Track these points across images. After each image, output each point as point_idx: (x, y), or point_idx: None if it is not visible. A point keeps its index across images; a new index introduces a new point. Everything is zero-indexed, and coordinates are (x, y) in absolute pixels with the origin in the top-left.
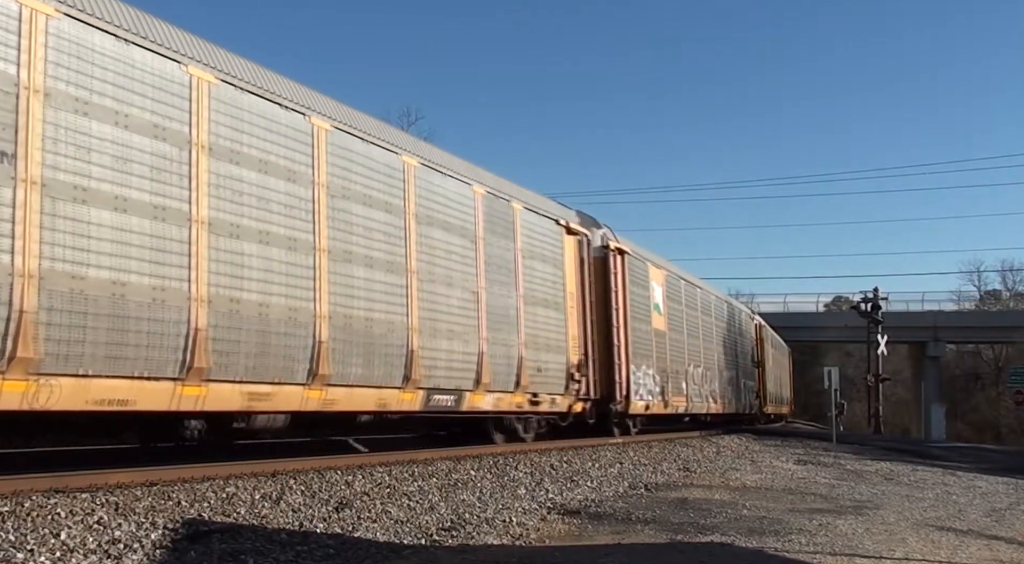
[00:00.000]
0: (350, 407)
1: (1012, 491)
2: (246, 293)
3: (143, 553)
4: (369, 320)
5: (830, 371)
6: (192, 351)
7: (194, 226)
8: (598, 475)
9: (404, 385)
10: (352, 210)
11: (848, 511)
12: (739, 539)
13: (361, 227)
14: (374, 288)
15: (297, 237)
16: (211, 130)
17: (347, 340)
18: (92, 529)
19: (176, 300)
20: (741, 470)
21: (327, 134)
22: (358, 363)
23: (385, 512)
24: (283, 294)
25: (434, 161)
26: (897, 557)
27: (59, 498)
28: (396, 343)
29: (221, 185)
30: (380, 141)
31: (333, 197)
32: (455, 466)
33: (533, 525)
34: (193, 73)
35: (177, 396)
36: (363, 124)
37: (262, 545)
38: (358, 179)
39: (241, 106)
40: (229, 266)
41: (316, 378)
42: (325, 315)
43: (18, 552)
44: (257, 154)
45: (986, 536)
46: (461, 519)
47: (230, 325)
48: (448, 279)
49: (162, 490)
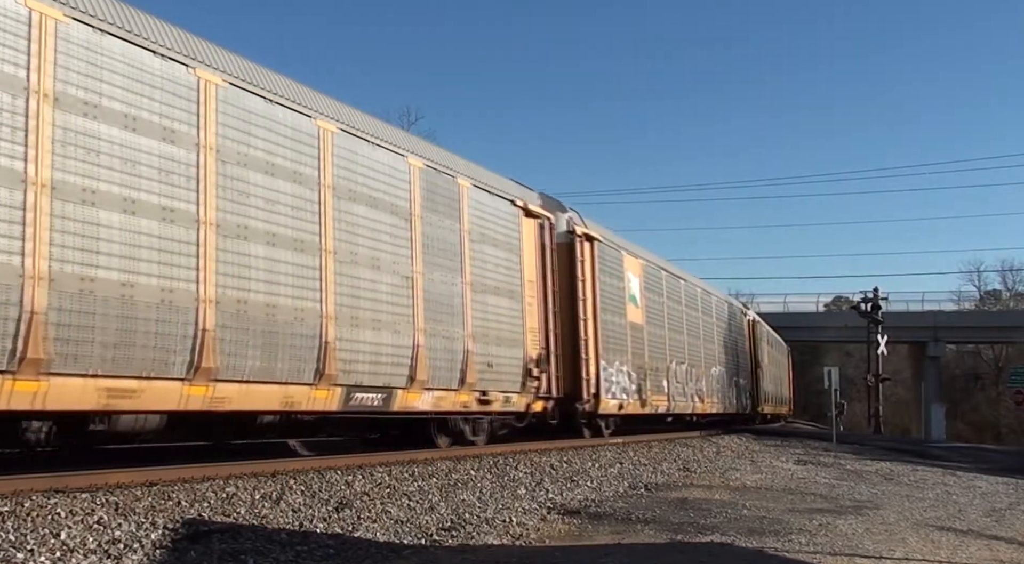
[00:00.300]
0: (247, 406)
1: (1012, 491)
2: (102, 271)
3: (143, 553)
4: (272, 306)
5: (830, 371)
6: (26, 339)
7: (31, 189)
8: (598, 475)
9: (317, 381)
10: (249, 178)
11: (848, 511)
12: (739, 539)
13: (261, 199)
14: (278, 269)
15: (176, 207)
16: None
17: (241, 328)
18: (92, 529)
19: (5, 278)
20: (741, 470)
21: (216, 89)
22: (256, 355)
23: (385, 512)
24: (154, 274)
25: (357, 127)
26: (897, 557)
27: (59, 498)
28: (306, 333)
29: (67, 142)
30: (286, 101)
31: (224, 163)
32: (455, 466)
33: (533, 525)
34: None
35: (6, 393)
36: (265, 81)
37: (262, 545)
38: (258, 143)
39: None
40: (78, 238)
41: (199, 372)
42: (211, 299)
43: (18, 552)
44: (121, 107)
45: (986, 536)
46: (461, 519)
47: (79, 309)
48: (374, 261)
49: (162, 490)
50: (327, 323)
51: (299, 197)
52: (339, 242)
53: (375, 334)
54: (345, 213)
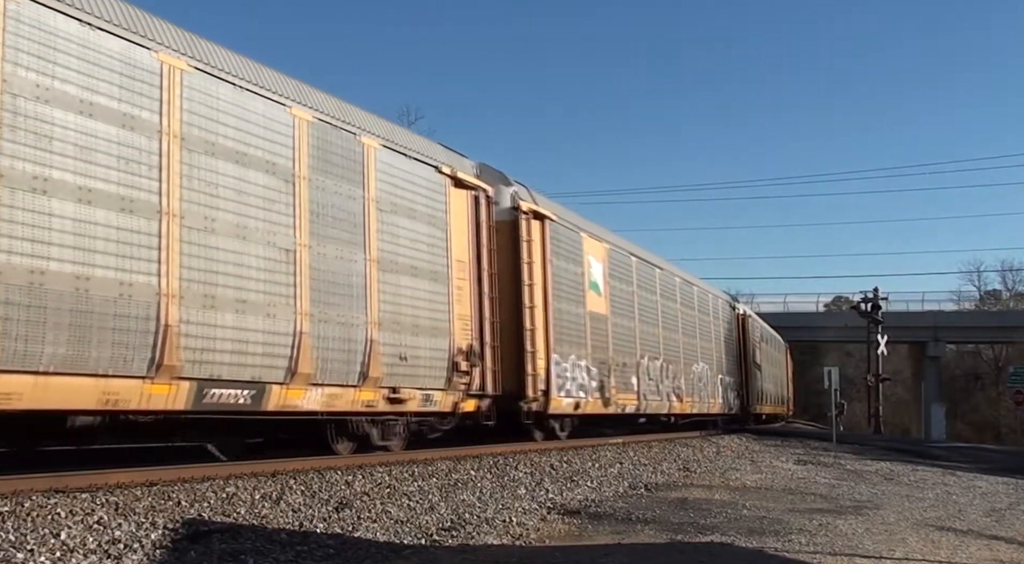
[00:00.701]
0: (47, 404)
1: (1012, 491)
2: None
3: (143, 553)
4: (83, 279)
5: (830, 371)
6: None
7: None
8: (598, 475)
9: (153, 373)
10: (55, 117)
11: (848, 511)
12: (739, 539)
13: (70, 143)
14: (93, 233)
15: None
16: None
17: (35, 306)
18: (92, 529)
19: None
20: (741, 470)
21: (15, 5)
22: (59, 340)
23: (385, 512)
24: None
25: (219, 66)
26: (897, 557)
27: (59, 498)
28: (135, 314)
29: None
30: (113, 28)
31: (16, 97)
32: (455, 466)
33: (533, 525)
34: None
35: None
36: (91, 4)
37: (262, 545)
38: (72, 75)
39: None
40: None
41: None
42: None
43: (18, 552)
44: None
45: (986, 536)
46: (461, 519)
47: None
48: (240, 230)
49: (162, 490)
50: (167, 302)
51: (129, 146)
52: (188, 204)
53: (239, 318)
54: (199, 169)
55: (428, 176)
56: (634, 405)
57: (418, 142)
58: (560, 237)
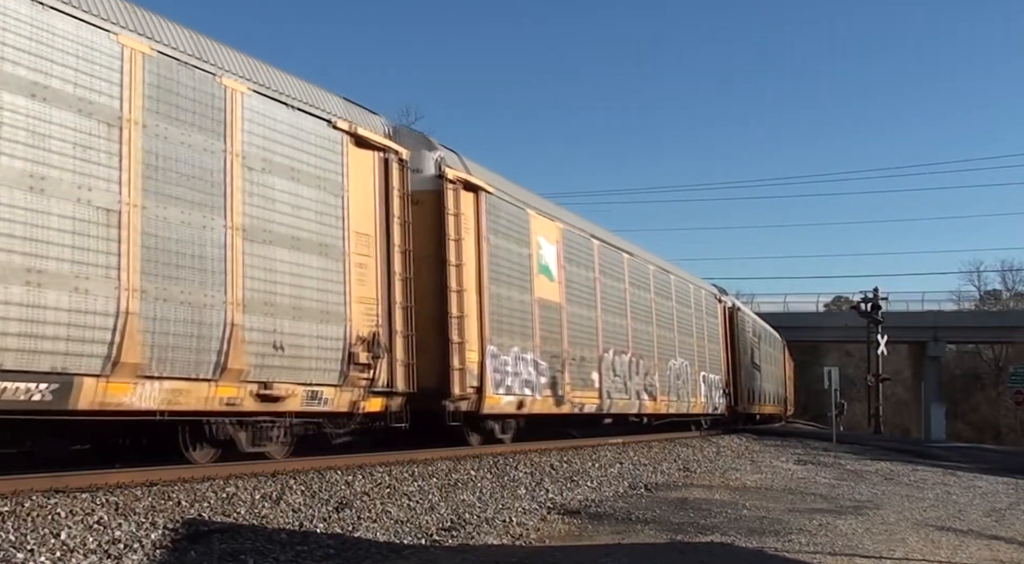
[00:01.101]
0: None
1: (1012, 491)
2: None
3: (143, 553)
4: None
5: (830, 371)
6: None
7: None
8: (598, 475)
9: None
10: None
11: (848, 511)
12: (739, 539)
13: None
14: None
15: None
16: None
17: None
18: (92, 529)
19: None
20: (741, 470)
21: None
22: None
23: (385, 512)
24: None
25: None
26: (897, 557)
27: (59, 498)
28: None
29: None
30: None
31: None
32: (455, 466)
33: (533, 525)
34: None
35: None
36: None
37: (262, 545)
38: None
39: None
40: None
41: None
42: None
43: (18, 552)
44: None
45: (986, 536)
46: (461, 519)
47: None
48: (32, 181)
49: (162, 490)
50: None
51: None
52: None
53: (30, 292)
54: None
55: (318, 131)
56: (595, 404)
57: (306, 90)
58: (500, 212)
